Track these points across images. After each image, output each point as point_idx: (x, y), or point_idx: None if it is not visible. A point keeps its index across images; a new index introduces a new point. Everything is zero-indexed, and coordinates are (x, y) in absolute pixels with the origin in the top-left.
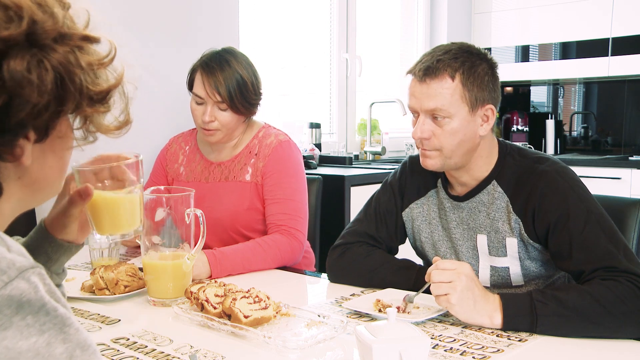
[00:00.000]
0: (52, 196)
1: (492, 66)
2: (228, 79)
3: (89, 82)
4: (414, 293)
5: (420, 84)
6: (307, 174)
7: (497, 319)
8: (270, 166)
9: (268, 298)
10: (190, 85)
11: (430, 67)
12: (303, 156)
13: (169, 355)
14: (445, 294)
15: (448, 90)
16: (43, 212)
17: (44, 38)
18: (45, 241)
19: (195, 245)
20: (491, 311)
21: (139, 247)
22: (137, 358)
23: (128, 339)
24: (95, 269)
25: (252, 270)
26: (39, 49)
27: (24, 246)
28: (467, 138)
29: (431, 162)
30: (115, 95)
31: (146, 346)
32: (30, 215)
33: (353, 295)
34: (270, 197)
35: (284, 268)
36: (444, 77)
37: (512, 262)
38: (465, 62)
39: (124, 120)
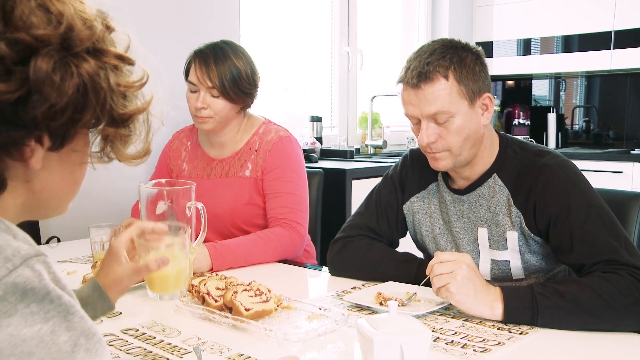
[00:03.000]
0: (58, 213)
1: (478, 55)
2: (220, 66)
3: (114, 102)
4: (414, 291)
5: (415, 91)
6: (308, 167)
7: (498, 310)
8: (271, 161)
9: (269, 291)
10: (187, 76)
11: (422, 72)
12: (304, 150)
13: (176, 346)
14: (446, 284)
15: (445, 91)
16: (48, 225)
17: (77, 46)
18: (99, 300)
19: (196, 239)
20: (492, 301)
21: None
22: (145, 349)
23: (137, 330)
24: (96, 262)
25: (253, 263)
26: (71, 55)
27: (78, 298)
28: (472, 132)
29: (443, 164)
30: (140, 123)
31: (154, 337)
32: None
33: (354, 288)
34: (271, 191)
35: (284, 261)
36: (437, 78)
37: (513, 256)
38: (453, 57)
39: (143, 149)
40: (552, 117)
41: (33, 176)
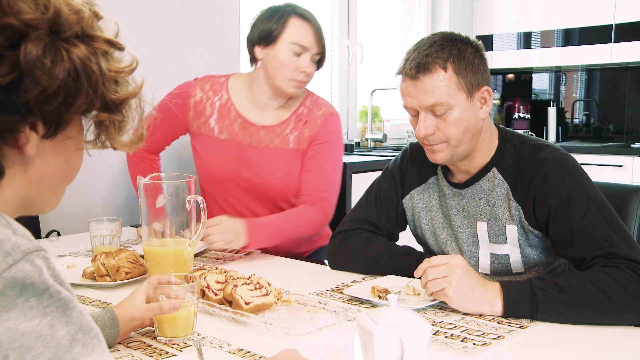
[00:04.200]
0: (51, 207)
1: (477, 48)
2: (320, 29)
3: (106, 87)
4: (412, 286)
5: (413, 82)
6: None
7: (498, 306)
8: (320, 136)
9: (269, 284)
10: (269, 37)
11: (421, 63)
12: None
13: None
14: (442, 289)
15: (443, 82)
16: (47, 219)
17: (66, 30)
18: (109, 323)
19: (196, 232)
20: (491, 299)
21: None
22: (145, 342)
23: None
24: (96, 256)
25: (283, 241)
26: (61, 40)
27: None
28: (470, 125)
29: (440, 156)
30: (132, 109)
31: (154, 331)
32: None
33: (354, 282)
34: (310, 165)
35: (284, 254)
36: (436, 70)
37: (512, 250)
38: (452, 50)
39: (137, 135)
40: (552, 111)
41: (29, 164)
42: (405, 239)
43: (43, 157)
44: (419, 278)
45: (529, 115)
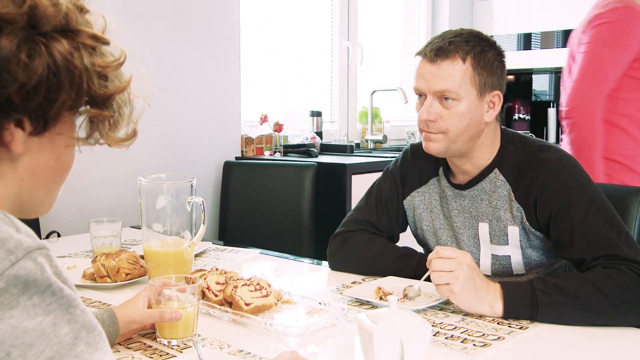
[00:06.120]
0: (45, 208)
1: (500, 53)
2: None
3: (92, 82)
4: (417, 286)
5: (430, 65)
6: (306, 162)
7: (498, 308)
8: None
9: (269, 286)
10: None
11: (442, 48)
12: (304, 144)
13: None
14: (447, 283)
15: (459, 72)
16: (47, 220)
17: (45, 24)
18: (108, 321)
19: (196, 233)
20: (492, 300)
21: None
22: (145, 343)
23: None
24: (96, 257)
25: None
26: (40, 35)
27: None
28: (473, 123)
29: (435, 146)
30: (123, 104)
31: (154, 332)
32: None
33: (354, 283)
34: None
35: (285, 256)
36: (455, 58)
37: (514, 251)
38: (476, 46)
39: (130, 131)
40: (552, 112)
41: (19, 162)
42: (405, 240)
43: (32, 154)
44: (425, 280)
45: (529, 117)
